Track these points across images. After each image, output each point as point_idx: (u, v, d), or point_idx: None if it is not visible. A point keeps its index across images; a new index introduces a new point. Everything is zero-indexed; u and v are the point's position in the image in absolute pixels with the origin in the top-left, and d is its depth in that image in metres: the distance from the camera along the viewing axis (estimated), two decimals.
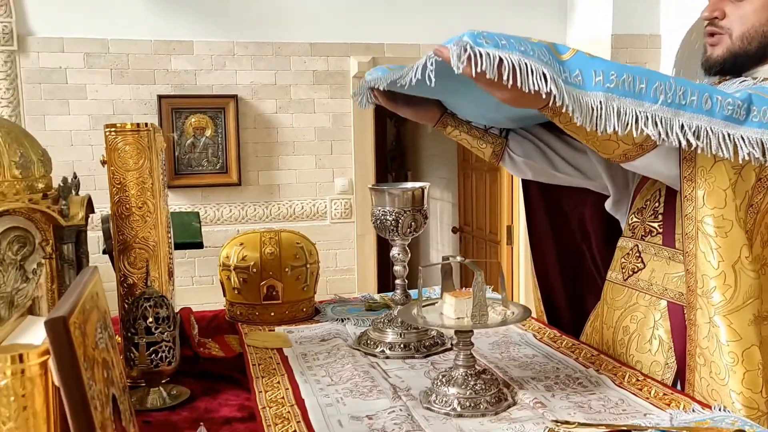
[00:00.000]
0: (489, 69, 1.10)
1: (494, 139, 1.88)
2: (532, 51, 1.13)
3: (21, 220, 1.23)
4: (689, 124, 1.23)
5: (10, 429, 0.72)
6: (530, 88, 1.12)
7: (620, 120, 1.19)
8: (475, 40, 1.11)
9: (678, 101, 1.22)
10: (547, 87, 1.12)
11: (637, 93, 1.21)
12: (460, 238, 6.47)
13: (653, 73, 1.24)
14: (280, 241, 1.96)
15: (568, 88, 1.18)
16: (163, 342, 1.37)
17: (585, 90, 1.20)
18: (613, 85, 1.20)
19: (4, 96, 4.07)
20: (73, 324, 0.75)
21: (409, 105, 1.81)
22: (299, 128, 4.56)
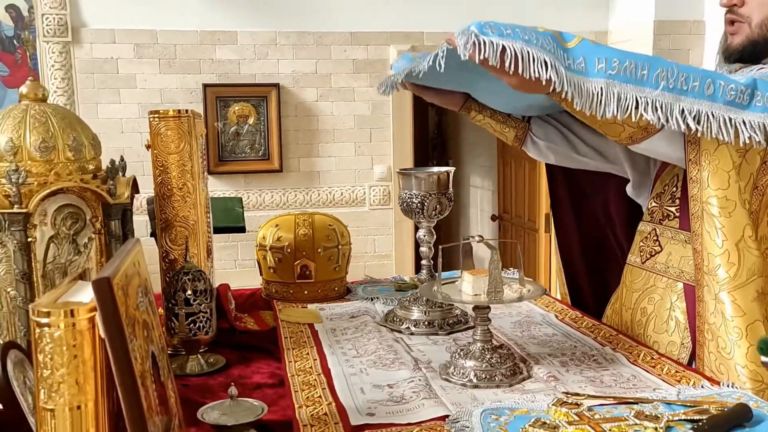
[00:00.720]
0: (492, 56, 1.18)
1: (517, 124, 1.93)
2: (536, 40, 1.20)
3: (73, 198, 1.35)
4: (689, 109, 1.28)
5: (62, 374, 0.83)
6: (531, 74, 1.19)
7: (620, 105, 1.25)
8: (481, 30, 1.19)
9: (680, 87, 1.27)
10: (547, 74, 1.19)
11: (639, 79, 1.27)
12: (499, 226, 6.49)
13: (656, 60, 1.29)
14: (314, 223, 2.05)
15: (570, 74, 1.24)
16: (200, 313, 1.48)
17: (587, 76, 1.26)
18: (615, 71, 1.26)
19: (60, 86, 4.26)
20: (116, 285, 0.85)
21: (435, 90, 1.88)
22: (339, 116, 4.65)
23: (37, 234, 1.31)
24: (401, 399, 1.33)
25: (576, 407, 1.23)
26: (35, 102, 1.39)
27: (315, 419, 1.24)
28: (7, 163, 1.28)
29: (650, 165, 1.87)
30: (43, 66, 4.25)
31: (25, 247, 1.27)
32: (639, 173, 1.92)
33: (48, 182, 1.29)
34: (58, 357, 0.83)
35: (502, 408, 1.26)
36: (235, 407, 1.16)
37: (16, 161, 1.28)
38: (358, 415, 1.26)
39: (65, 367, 0.83)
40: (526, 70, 1.20)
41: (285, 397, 1.35)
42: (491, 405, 1.28)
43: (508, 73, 1.22)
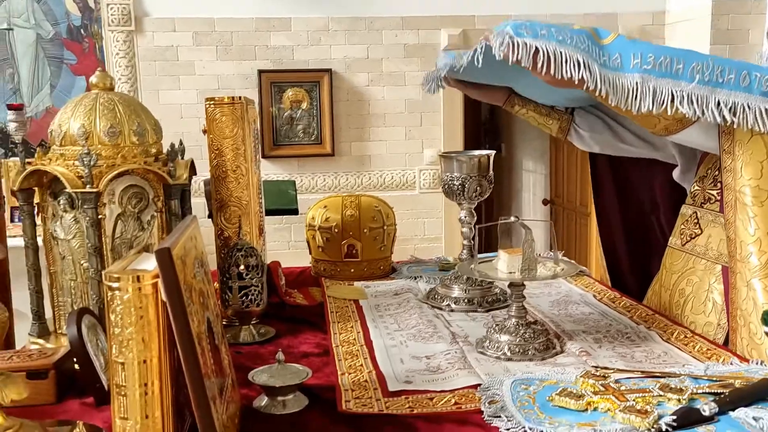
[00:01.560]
0: (525, 57, 1.25)
1: (560, 116, 1.97)
2: (570, 39, 1.26)
3: (138, 179, 1.47)
4: (725, 101, 1.31)
5: (130, 332, 0.94)
6: (563, 74, 1.25)
7: (656, 99, 1.30)
8: (516, 31, 1.25)
9: (715, 79, 1.31)
10: (579, 74, 1.24)
11: (674, 73, 1.31)
12: (551, 210, 6.47)
13: (692, 54, 1.32)
14: (360, 204, 2.15)
15: (605, 71, 1.29)
16: (252, 286, 1.59)
17: (623, 72, 1.31)
18: (650, 66, 1.31)
19: (124, 73, 4.46)
20: (175, 254, 0.96)
21: (478, 87, 1.94)
22: (390, 100, 4.72)
23: (106, 212, 1.44)
24: (437, 369, 1.41)
25: (603, 379, 1.29)
26: (104, 91, 1.51)
27: (356, 385, 1.34)
28: (80, 147, 1.40)
29: (696, 150, 1.89)
30: (108, 54, 4.45)
31: (96, 224, 1.40)
32: (686, 158, 1.94)
33: (115, 164, 1.42)
34: (126, 317, 0.94)
35: (532, 378, 1.33)
36: (282, 371, 1.27)
37: (88, 145, 1.41)
38: (396, 382, 1.35)
39: (133, 326, 0.94)
40: (558, 70, 1.26)
41: (329, 365, 1.45)
42: (522, 376, 1.35)
43: (542, 72, 1.28)
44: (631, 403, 1.19)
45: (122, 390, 0.96)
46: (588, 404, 1.20)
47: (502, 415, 1.18)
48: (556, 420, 1.16)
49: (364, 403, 1.25)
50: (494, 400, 1.24)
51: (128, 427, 0.96)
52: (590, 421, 1.15)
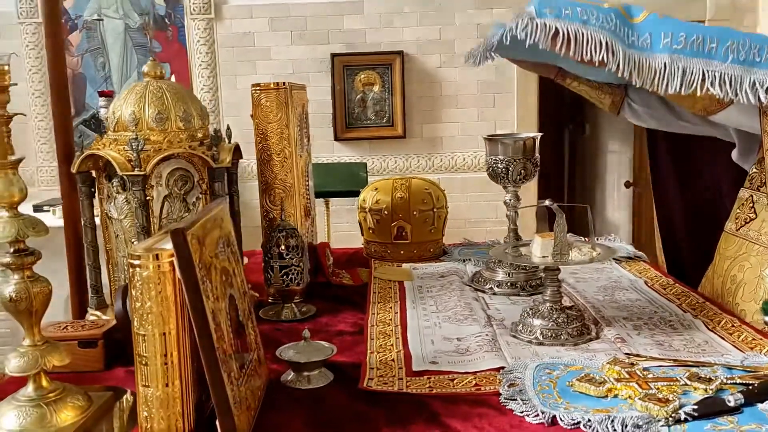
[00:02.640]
0: (542, 40, 1.22)
1: (613, 90, 1.92)
2: (596, 19, 1.23)
3: (183, 162, 1.55)
4: (762, 81, 1.25)
5: (150, 306, 1.01)
6: (582, 56, 1.22)
7: (685, 80, 1.25)
8: (538, 11, 1.23)
9: (752, 58, 1.25)
10: (600, 54, 1.21)
11: (707, 53, 1.26)
12: (633, 193, 6.26)
13: (728, 33, 1.26)
14: (410, 187, 2.17)
15: (631, 51, 1.25)
16: (292, 266, 1.65)
17: (652, 52, 1.26)
18: (681, 46, 1.26)
19: (204, 59, 4.64)
20: (191, 234, 1.02)
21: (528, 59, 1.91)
22: (462, 82, 4.69)
23: (154, 193, 1.53)
24: (466, 351, 1.43)
25: (630, 366, 1.27)
26: (154, 79, 1.60)
27: (382, 364, 1.37)
28: (130, 132, 1.49)
29: None
30: (190, 42, 4.64)
31: (144, 205, 1.49)
32: (744, 138, 1.85)
33: (162, 149, 1.50)
34: (146, 292, 1.01)
35: (557, 363, 1.33)
36: (307, 347, 1.32)
37: (137, 131, 1.50)
38: (421, 362, 1.37)
39: (152, 300, 1.01)
40: (578, 51, 1.24)
41: (361, 344, 1.49)
42: (548, 360, 1.35)
43: (565, 53, 1.26)
44: (653, 391, 1.16)
45: (144, 360, 1.03)
46: (608, 391, 1.19)
47: (518, 398, 1.19)
48: (572, 405, 1.16)
49: (386, 381, 1.29)
50: (514, 383, 1.25)
51: (149, 393, 1.03)
52: (607, 408, 1.14)
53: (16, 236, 1.09)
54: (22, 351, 1.14)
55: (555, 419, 1.12)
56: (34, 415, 1.13)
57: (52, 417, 1.13)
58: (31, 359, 1.13)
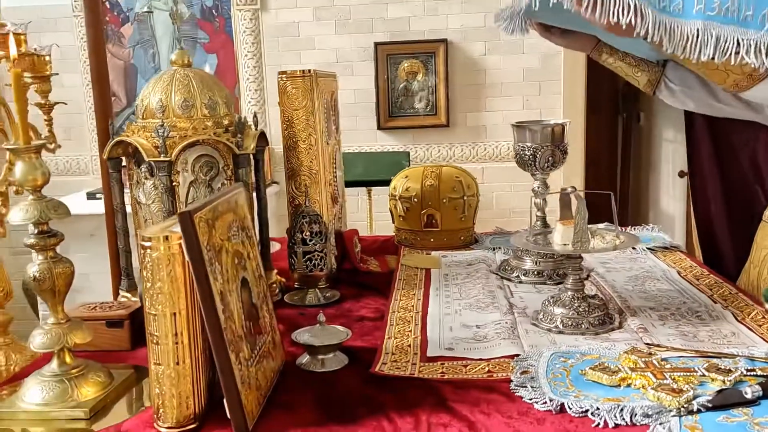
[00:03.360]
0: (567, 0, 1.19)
1: (650, 67, 1.85)
2: None
3: (208, 149, 1.58)
4: None
5: (160, 287, 1.04)
6: (609, 19, 1.18)
7: (718, 48, 1.19)
8: None
9: None
10: (627, 17, 1.17)
11: (742, 20, 1.20)
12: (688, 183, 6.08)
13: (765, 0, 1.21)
14: (441, 174, 2.16)
15: (662, 16, 1.20)
16: (315, 252, 1.67)
17: (683, 18, 1.21)
18: (715, 12, 1.20)
19: (250, 50, 4.70)
20: (199, 218, 1.04)
21: (563, 33, 1.85)
22: (507, 70, 4.63)
23: (180, 179, 1.56)
24: (483, 338, 1.42)
25: (647, 356, 1.24)
26: (182, 67, 1.63)
27: (398, 349, 1.38)
28: (158, 119, 1.53)
29: None
30: (236, 32, 4.71)
31: (170, 190, 1.53)
32: None
33: (188, 135, 1.54)
34: (156, 273, 1.04)
35: (573, 352, 1.31)
36: (322, 331, 1.33)
37: (164, 118, 1.54)
38: (437, 348, 1.37)
39: (162, 281, 1.04)
40: (604, 14, 1.20)
41: (380, 329, 1.50)
42: (564, 349, 1.33)
43: (591, 18, 1.22)
44: (667, 381, 1.14)
45: (155, 339, 1.06)
46: (621, 380, 1.17)
47: (528, 385, 1.18)
48: (583, 393, 1.14)
49: (399, 366, 1.29)
50: (527, 370, 1.24)
51: (161, 371, 1.07)
52: (619, 397, 1.12)
53: (39, 218, 1.13)
54: (46, 329, 1.19)
55: (563, 407, 1.11)
56: (57, 389, 1.18)
57: (73, 392, 1.18)
58: (54, 336, 1.18)
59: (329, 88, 1.94)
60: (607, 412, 1.07)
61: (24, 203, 1.14)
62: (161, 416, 1.08)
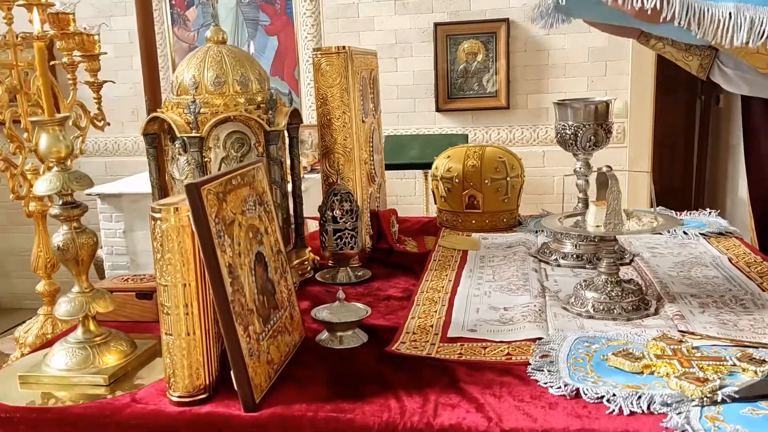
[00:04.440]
0: None
1: (702, 51, 1.76)
2: None
3: (240, 125, 1.59)
4: None
5: (169, 258, 1.05)
6: (633, 5, 1.12)
7: (753, 31, 1.12)
8: None
9: None
10: (651, 2, 1.11)
11: None
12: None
13: None
14: (483, 155, 2.11)
15: (691, 0, 1.14)
16: (346, 230, 1.66)
17: (716, 1, 1.14)
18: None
19: (310, 32, 4.73)
20: (208, 190, 1.05)
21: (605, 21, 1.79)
22: (571, 50, 4.48)
23: (212, 155, 1.58)
24: (509, 321, 1.38)
25: (677, 344, 1.18)
26: (216, 44, 1.65)
27: (419, 329, 1.35)
28: (190, 96, 1.55)
29: None
30: (296, 14, 4.74)
31: (201, 166, 1.55)
32: None
33: (219, 112, 1.55)
34: (166, 244, 1.05)
35: (599, 337, 1.26)
36: (341, 308, 1.33)
37: (196, 95, 1.55)
38: (458, 330, 1.34)
39: (171, 252, 1.05)
40: (628, 1, 1.14)
41: (406, 309, 1.48)
42: (590, 333, 1.28)
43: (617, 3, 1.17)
44: (693, 370, 1.08)
45: (166, 309, 1.08)
46: (645, 367, 1.11)
47: (545, 368, 1.14)
48: (602, 380, 1.09)
49: (417, 346, 1.27)
50: (547, 354, 1.20)
51: (171, 342, 1.08)
52: (639, 384, 1.07)
53: (61, 189, 1.17)
54: (71, 297, 1.23)
55: (579, 392, 1.06)
56: (79, 356, 1.21)
57: (95, 359, 1.22)
58: (77, 305, 1.22)
59: (367, 66, 1.92)
60: (623, 399, 1.02)
61: (48, 174, 1.18)
62: (172, 385, 1.10)
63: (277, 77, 4.74)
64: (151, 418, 1.09)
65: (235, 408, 1.07)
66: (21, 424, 1.11)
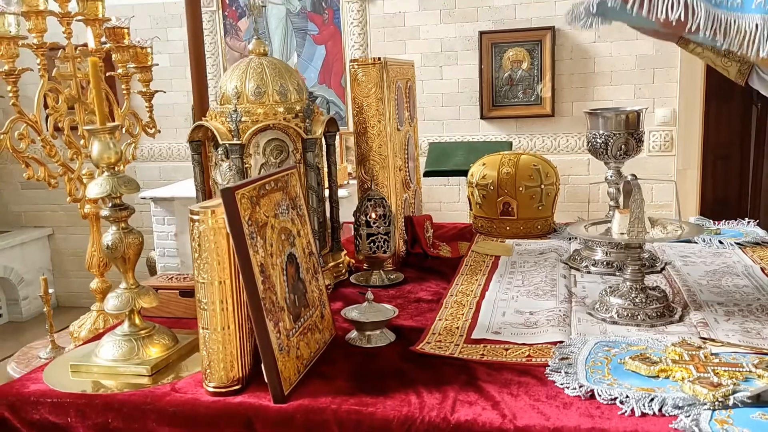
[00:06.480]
0: None
1: (741, 56, 1.76)
2: None
3: (279, 133, 1.67)
4: None
5: (206, 257, 1.13)
6: (657, 15, 1.15)
7: None
8: None
9: None
10: (676, 13, 1.13)
11: None
12: None
13: None
14: (518, 162, 2.14)
15: (718, 11, 1.16)
16: (379, 234, 1.73)
17: (742, 12, 1.16)
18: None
19: (357, 40, 4.82)
20: (241, 194, 1.12)
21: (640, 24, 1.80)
22: (618, 57, 4.46)
23: (252, 161, 1.66)
24: (533, 324, 1.42)
25: (696, 349, 1.20)
26: (258, 56, 1.73)
27: (445, 330, 1.41)
28: (232, 105, 1.64)
29: None
30: (344, 24, 4.84)
31: (242, 172, 1.63)
32: None
33: (259, 120, 1.63)
34: (204, 244, 1.13)
35: (618, 342, 1.28)
36: (370, 309, 1.39)
37: (238, 104, 1.64)
38: (483, 332, 1.39)
39: (208, 252, 1.13)
40: (652, 11, 1.17)
41: (435, 311, 1.53)
42: (611, 338, 1.30)
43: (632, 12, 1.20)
44: (707, 375, 1.10)
45: (203, 305, 1.15)
46: (661, 371, 1.14)
47: (563, 370, 1.17)
48: (618, 382, 1.13)
49: (441, 346, 1.32)
50: (566, 356, 1.23)
51: (208, 335, 1.16)
52: (653, 387, 1.10)
53: (111, 192, 1.26)
54: (119, 293, 1.33)
55: (593, 394, 1.10)
56: (125, 348, 1.31)
57: (139, 351, 1.31)
58: (124, 300, 1.31)
59: (404, 75, 1.98)
60: (636, 401, 1.05)
61: (99, 179, 1.28)
62: (208, 376, 1.18)
63: (325, 85, 4.84)
64: (188, 406, 1.16)
65: (266, 399, 1.14)
66: (71, 409, 1.20)
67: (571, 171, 4.50)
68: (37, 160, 2.48)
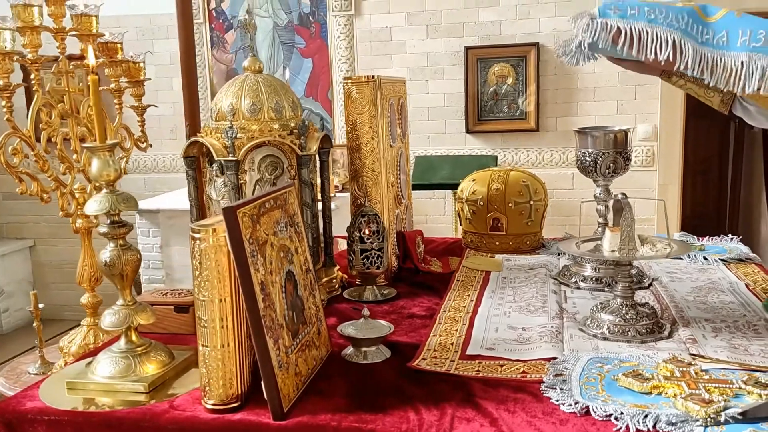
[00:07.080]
0: (602, 39, 1.21)
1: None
2: (665, 17, 1.20)
3: (274, 149, 1.68)
4: None
5: (207, 275, 1.14)
6: (647, 55, 1.19)
7: (764, 79, 1.18)
8: (603, 11, 1.23)
9: None
10: (665, 53, 1.18)
11: None
12: None
13: None
14: (507, 178, 2.18)
15: (705, 49, 1.21)
16: (372, 250, 1.74)
17: (728, 50, 1.21)
18: (761, 44, 1.19)
19: (344, 54, 4.85)
20: (242, 212, 1.14)
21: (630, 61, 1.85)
22: (601, 73, 4.53)
23: (247, 177, 1.67)
24: (526, 340, 1.44)
25: (686, 366, 1.23)
26: (253, 73, 1.75)
27: (440, 346, 1.42)
28: (228, 122, 1.65)
29: None
30: (331, 37, 4.87)
31: (237, 188, 1.64)
32: None
33: (254, 137, 1.65)
34: (204, 262, 1.14)
35: (611, 358, 1.31)
36: (366, 325, 1.40)
37: (233, 120, 1.66)
38: (477, 348, 1.41)
39: (209, 269, 1.14)
40: (642, 50, 1.22)
41: (428, 327, 1.55)
42: (603, 354, 1.33)
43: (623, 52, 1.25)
44: (699, 392, 1.13)
45: (203, 322, 1.16)
46: (653, 388, 1.17)
47: (558, 386, 1.19)
48: (612, 398, 1.15)
49: (437, 362, 1.34)
50: (561, 373, 1.25)
51: (207, 353, 1.17)
52: (647, 404, 1.12)
53: (109, 209, 1.27)
54: (116, 309, 1.33)
55: (589, 410, 1.12)
56: (122, 364, 1.31)
57: (136, 367, 1.31)
58: (121, 317, 1.32)
59: (396, 92, 2.00)
60: (630, 418, 1.08)
61: (98, 196, 1.28)
62: (207, 394, 1.18)
63: (312, 98, 4.86)
64: (187, 424, 1.17)
65: (265, 416, 1.15)
66: (68, 427, 1.20)
67: (555, 185, 4.55)
68: (30, 175, 2.47)
